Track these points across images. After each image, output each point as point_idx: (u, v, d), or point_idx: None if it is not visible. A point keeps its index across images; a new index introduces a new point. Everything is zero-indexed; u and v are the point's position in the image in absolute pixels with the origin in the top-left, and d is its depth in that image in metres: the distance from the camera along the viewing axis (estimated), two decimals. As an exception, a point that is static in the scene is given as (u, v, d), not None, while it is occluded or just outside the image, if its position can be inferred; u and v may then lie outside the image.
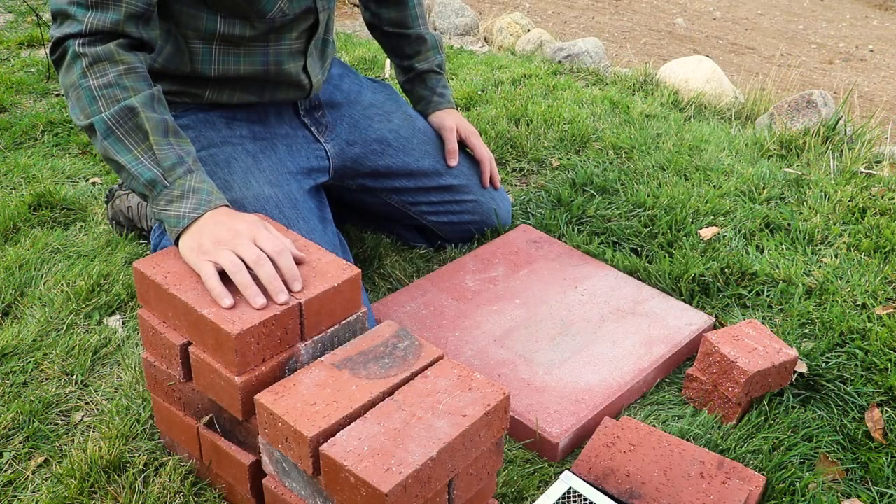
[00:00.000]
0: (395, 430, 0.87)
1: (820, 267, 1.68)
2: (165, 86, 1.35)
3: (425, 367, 0.97)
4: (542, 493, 1.10)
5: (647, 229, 1.77)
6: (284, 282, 0.99)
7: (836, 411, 1.31)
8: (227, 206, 1.09)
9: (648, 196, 1.90)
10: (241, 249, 1.00)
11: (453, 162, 1.62)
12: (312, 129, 1.51)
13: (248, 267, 0.99)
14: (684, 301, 1.56)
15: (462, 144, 1.70)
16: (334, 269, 1.03)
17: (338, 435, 0.87)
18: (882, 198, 1.96)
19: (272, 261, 1.00)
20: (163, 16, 1.29)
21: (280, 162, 1.41)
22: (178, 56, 1.33)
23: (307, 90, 1.46)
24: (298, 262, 1.03)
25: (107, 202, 1.73)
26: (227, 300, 0.96)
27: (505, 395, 0.93)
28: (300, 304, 0.97)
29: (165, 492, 1.09)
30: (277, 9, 1.30)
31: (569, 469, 1.14)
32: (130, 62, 1.12)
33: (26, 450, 1.17)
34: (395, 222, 1.70)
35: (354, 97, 1.61)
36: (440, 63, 1.74)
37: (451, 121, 1.67)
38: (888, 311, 1.52)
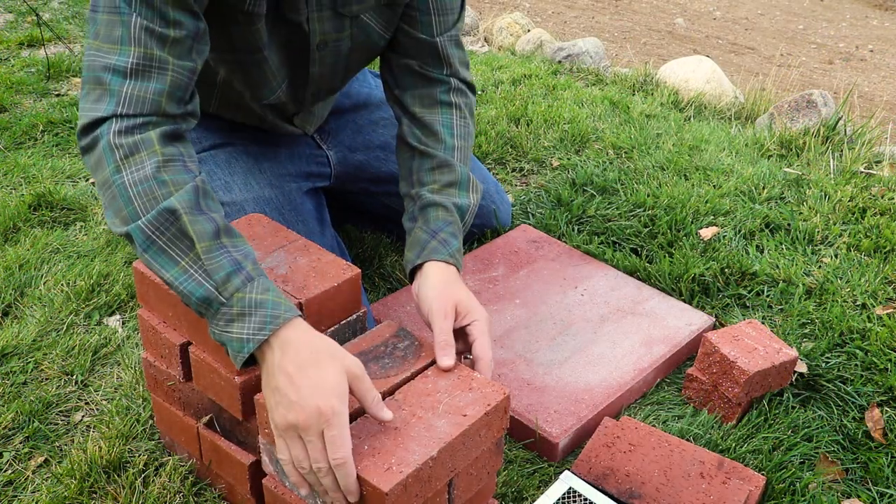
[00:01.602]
0: (395, 429, 0.87)
1: (820, 267, 1.68)
2: None
3: (425, 367, 0.97)
4: (542, 493, 1.10)
5: (647, 229, 1.77)
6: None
7: (836, 411, 1.31)
8: (299, 316, 0.91)
9: (648, 196, 1.90)
10: (311, 451, 0.85)
11: (447, 362, 0.98)
12: (315, 136, 1.51)
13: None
14: (684, 301, 1.56)
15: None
16: (334, 269, 1.03)
17: None
18: (882, 198, 1.96)
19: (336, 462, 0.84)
20: None
21: (280, 164, 1.41)
22: None
23: (304, 134, 1.49)
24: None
25: (107, 202, 1.72)
26: (304, 490, 0.89)
27: (505, 395, 0.93)
28: (300, 303, 0.97)
29: (165, 492, 1.09)
30: (275, 97, 1.30)
31: (569, 469, 1.14)
32: (170, 154, 0.93)
33: (26, 450, 1.17)
34: (396, 223, 1.69)
35: (363, 101, 1.59)
36: (461, 205, 1.22)
37: (451, 295, 1.08)
38: (888, 311, 1.52)
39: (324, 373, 0.85)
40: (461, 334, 1.06)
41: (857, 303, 1.57)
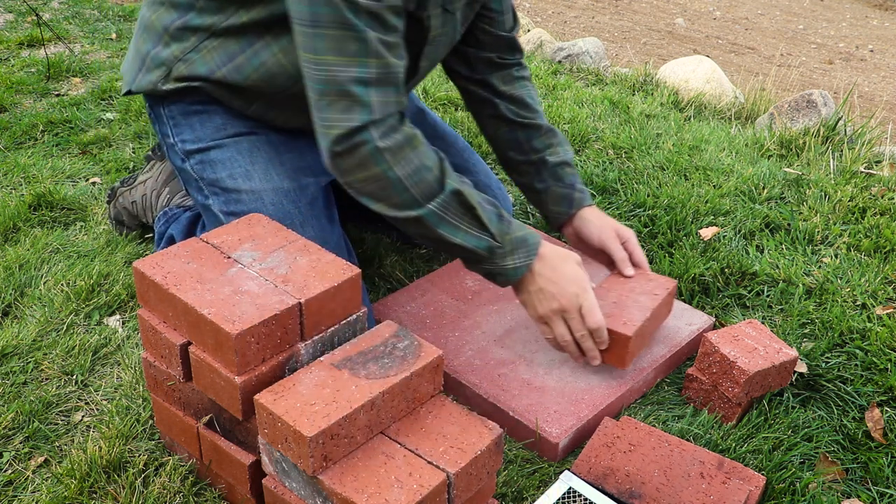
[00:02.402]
0: (613, 303, 1.34)
1: (820, 267, 1.68)
2: (211, 87, 1.32)
3: (425, 367, 0.97)
4: (542, 493, 1.10)
5: (647, 229, 1.77)
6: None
7: (836, 411, 1.31)
8: (542, 242, 1.24)
9: (648, 196, 1.90)
10: (572, 324, 1.23)
11: (630, 271, 1.41)
12: None
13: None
14: (684, 301, 1.56)
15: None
16: (334, 269, 1.03)
17: None
18: (882, 198, 1.96)
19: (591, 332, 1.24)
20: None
21: (301, 156, 1.41)
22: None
23: None
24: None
25: (109, 202, 1.72)
26: (573, 350, 1.27)
27: (675, 282, 1.37)
28: (300, 303, 0.97)
29: (165, 492, 1.09)
30: None
31: (569, 469, 1.14)
32: (418, 139, 1.14)
33: (26, 450, 1.17)
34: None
35: None
36: (573, 159, 1.52)
37: (610, 225, 1.45)
38: (888, 311, 1.52)
39: (569, 268, 1.23)
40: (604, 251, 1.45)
41: (857, 303, 1.57)
